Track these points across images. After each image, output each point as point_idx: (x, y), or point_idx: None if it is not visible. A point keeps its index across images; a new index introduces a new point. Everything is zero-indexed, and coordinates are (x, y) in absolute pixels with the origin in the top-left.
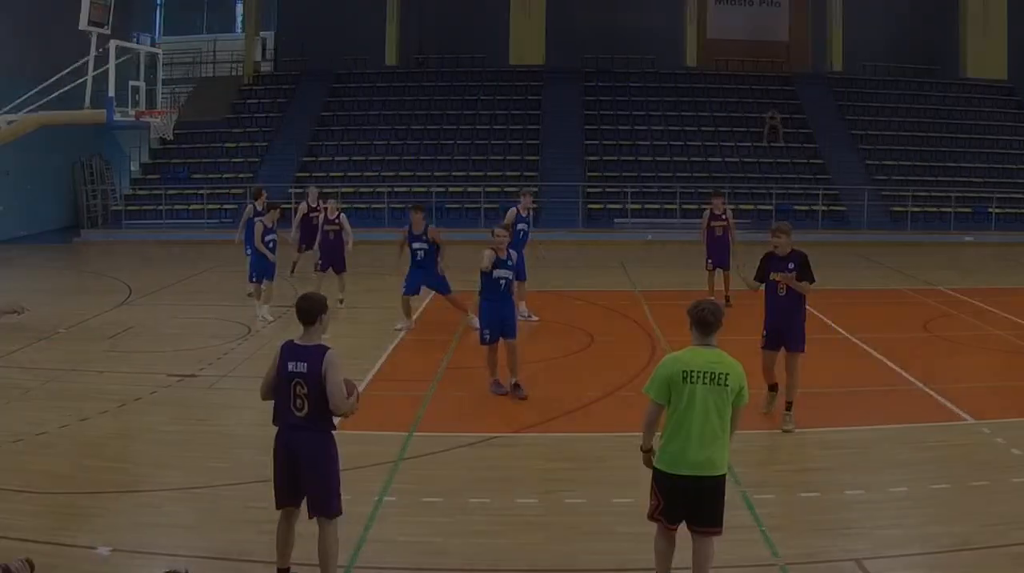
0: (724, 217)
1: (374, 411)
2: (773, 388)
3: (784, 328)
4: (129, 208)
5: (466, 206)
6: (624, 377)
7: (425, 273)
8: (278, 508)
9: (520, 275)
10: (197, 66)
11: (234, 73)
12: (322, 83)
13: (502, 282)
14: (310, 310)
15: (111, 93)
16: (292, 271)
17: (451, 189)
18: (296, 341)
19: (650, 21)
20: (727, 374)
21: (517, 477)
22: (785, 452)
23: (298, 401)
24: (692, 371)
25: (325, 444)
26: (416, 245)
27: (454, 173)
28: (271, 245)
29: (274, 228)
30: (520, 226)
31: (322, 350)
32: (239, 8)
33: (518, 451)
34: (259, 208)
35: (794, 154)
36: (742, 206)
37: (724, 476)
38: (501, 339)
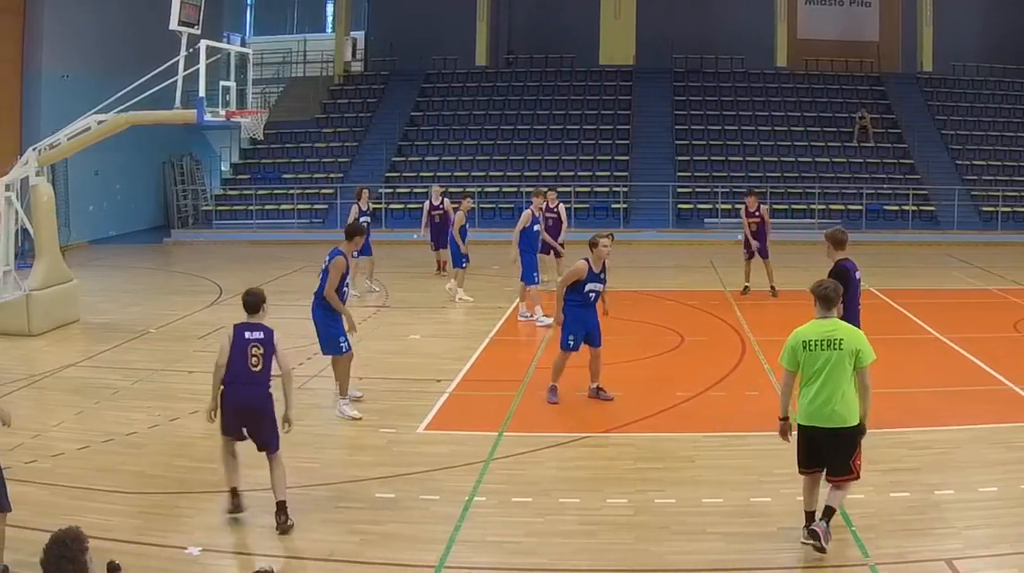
0: (758, 214)
1: (464, 411)
2: None
3: None
4: (219, 208)
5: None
6: (714, 377)
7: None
8: (226, 435)
9: (532, 279)
10: (287, 66)
11: (324, 73)
12: (412, 83)
13: (592, 295)
14: (255, 302)
15: (201, 93)
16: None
17: (541, 189)
18: (247, 321)
19: (740, 21)
20: (842, 339)
21: (607, 477)
22: (875, 452)
23: (254, 360)
24: (810, 340)
25: (271, 396)
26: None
27: (544, 173)
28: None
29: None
30: (536, 227)
31: (269, 328)
32: (329, 8)
33: (608, 451)
34: (363, 207)
35: (884, 154)
36: (832, 206)
37: (851, 428)
38: (584, 346)
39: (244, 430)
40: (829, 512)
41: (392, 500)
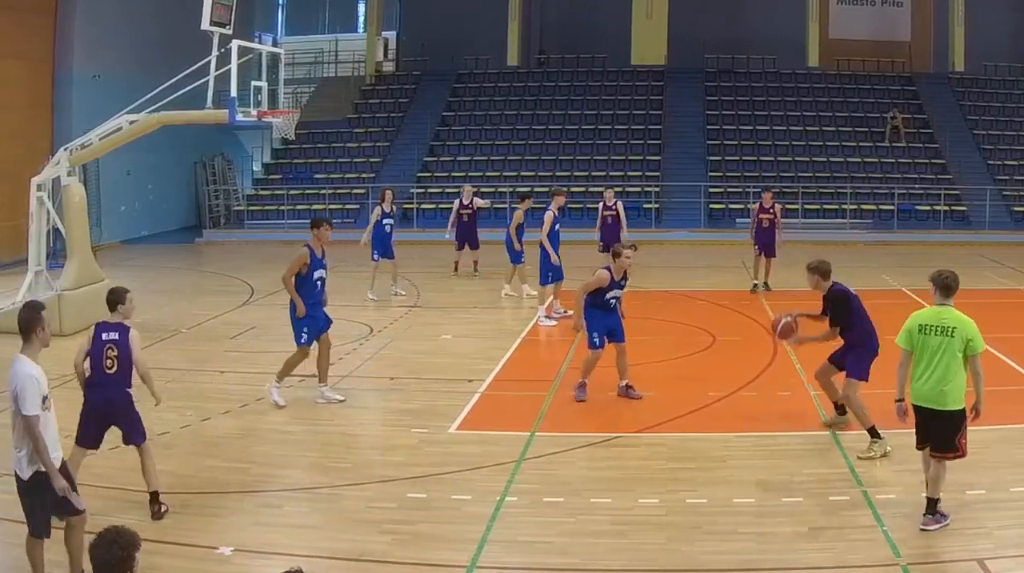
0: (772, 211)
1: (496, 411)
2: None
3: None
4: (251, 208)
5: (587, 206)
6: (746, 377)
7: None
8: (81, 446)
9: (558, 275)
10: (319, 66)
11: (356, 73)
12: (444, 83)
13: (612, 302)
14: (112, 300)
15: (233, 93)
16: (455, 270)
17: (572, 189)
18: (107, 321)
19: (772, 21)
20: (954, 327)
21: (639, 477)
22: (906, 452)
23: (108, 362)
24: (926, 325)
25: (128, 393)
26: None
27: (575, 173)
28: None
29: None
30: (557, 227)
31: (126, 326)
32: (361, 8)
33: (640, 451)
34: (386, 210)
35: (916, 154)
36: (863, 206)
37: (956, 411)
38: (609, 343)
39: (103, 434)
40: (931, 504)
41: (424, 500)
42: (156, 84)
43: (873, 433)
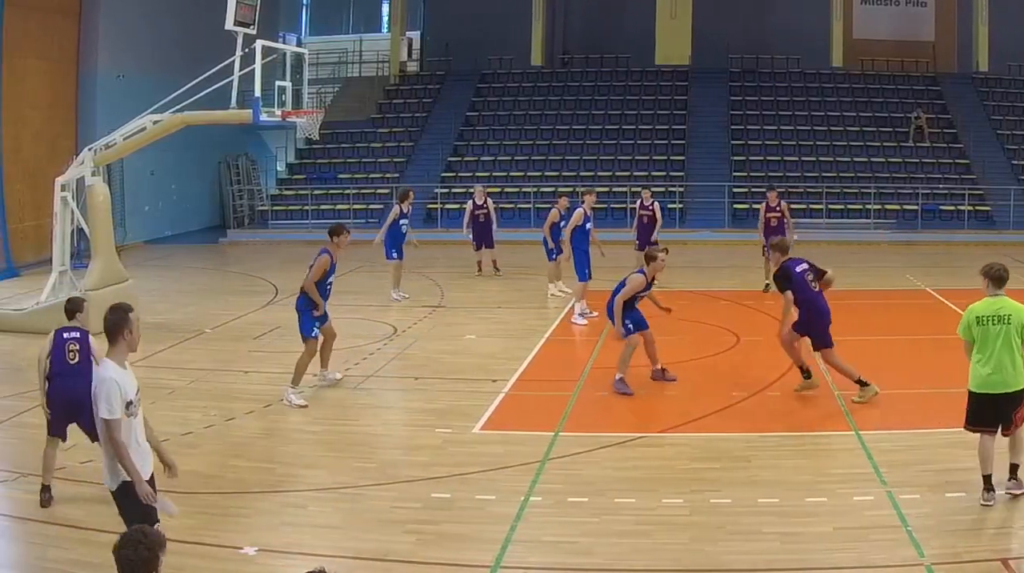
0: (778, 209)
1: (520, 411)
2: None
3: None
4: (275, 208)
5: (612, 206)
6: (770, 377)
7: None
8: (51, 436)
9: (585, 276)
10: (343, 66)
11: (380, 73)
12: (468, 83)
13: (638, 299)
14: (71, 309)
15: (257, 93)
16: (479, 270)
17: (596, 189)
18: (67, 326)
19: (796, 21)
20: (1010, 314)
21: (663, 477)
22: (929, 452)
23: (71, 354)
24: (982, 316)
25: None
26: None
27: (599, 173)
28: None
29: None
30: (588, 226)
31: (85, 330)
32: (385, 8)
33: (664, 451)
34: (404, 210)
35: (940, 154)
36: (887, 206)
37: (1017, 391)
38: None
39: (68, 427)
40: (1014, 469)
41: (448, 500)
42: (179, 84)
43: (861, 383)
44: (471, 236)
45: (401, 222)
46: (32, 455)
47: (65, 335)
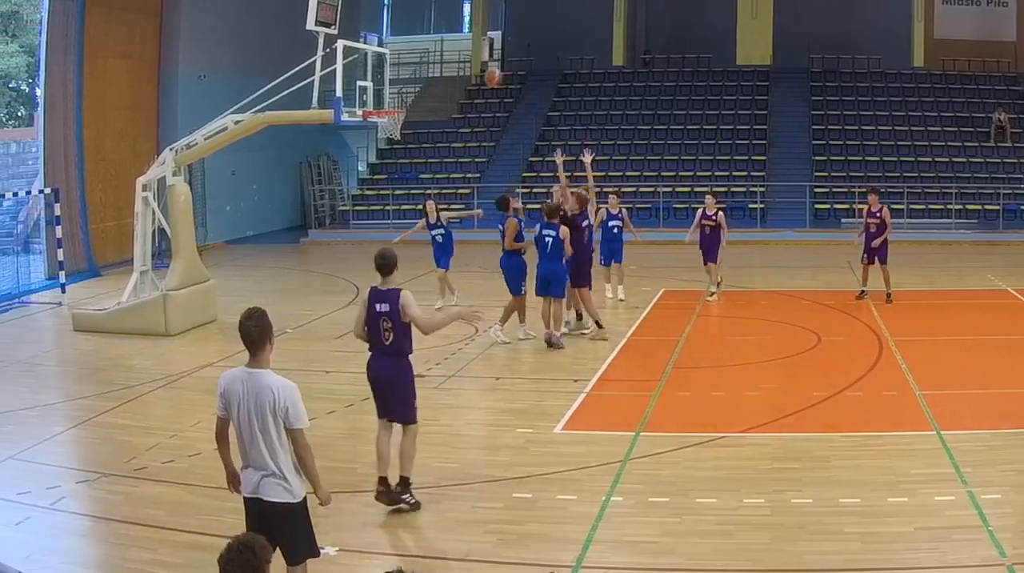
0: (879, 214)
1: (601, 411)
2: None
3: None
4: (356, 208)
5: (692, 206)
6: (851, 377)
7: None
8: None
9: (617, 256)
10: (424, 66)
11: (461, 73)
12: (549, 82)
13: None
14: (388, 265)
15: (338, 93)
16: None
17: (678, 189)
18: (378, 287)
19: (877, 21)
20: None
21: (744, 477)
22: (1010, 452)
23: (386, 334)
24: None
25: (403, 366)
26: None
27: (681, 173)
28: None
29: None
30: (612, 223)
31: (396, 291)
32: (466, 8)
33: (745, 451)
34: (431, 220)
35: (1021, 154)
36: (969, 206)
37: None
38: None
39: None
40: None
41: (529, 500)
42: (259, 85)
43: (599, 325)
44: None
45: (434, 232)
46: (113, 455)
47: (377, 307)
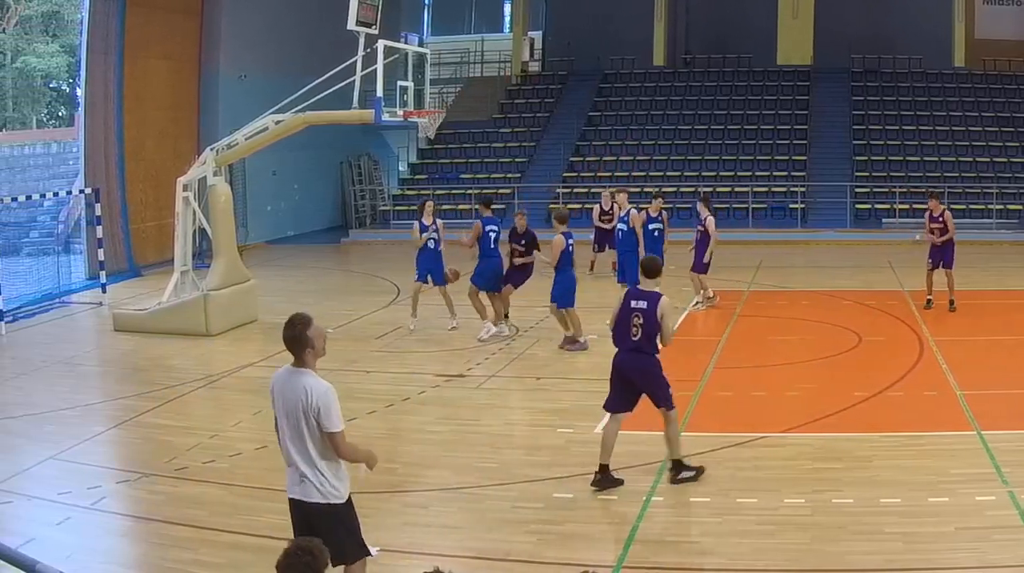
0: (941, 219)
1: (642, 411)
2: None
3: None
4: (397, 208)
5: (733, 206)
6: (891, 377)
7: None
8: (606, 410)
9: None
10: (464, 66)
11: (502, 73)
12: (589, 82)
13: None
14: (654, 269)
15: (379, 93)
16: (591, 269)
17: (718, 189)
18: (639, 288)
19: (918, 21)
20: None
21: (784, 477)
22: None
23: (634, 330)
24: None
25: (649, 360)
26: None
27: (721, 173)
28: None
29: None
30: (652, 226)
31: (657, 295)
32: (506, 8)
33: (785, 451)
34: (427, 223)
35: None
36: (1010, 206)
37: None
38: None
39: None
40: None
41: (570, 500)
42: (299, 85)
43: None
44: (592, 238)
45: (425, 236)
46: (153, 454)
47: (633, 304)
